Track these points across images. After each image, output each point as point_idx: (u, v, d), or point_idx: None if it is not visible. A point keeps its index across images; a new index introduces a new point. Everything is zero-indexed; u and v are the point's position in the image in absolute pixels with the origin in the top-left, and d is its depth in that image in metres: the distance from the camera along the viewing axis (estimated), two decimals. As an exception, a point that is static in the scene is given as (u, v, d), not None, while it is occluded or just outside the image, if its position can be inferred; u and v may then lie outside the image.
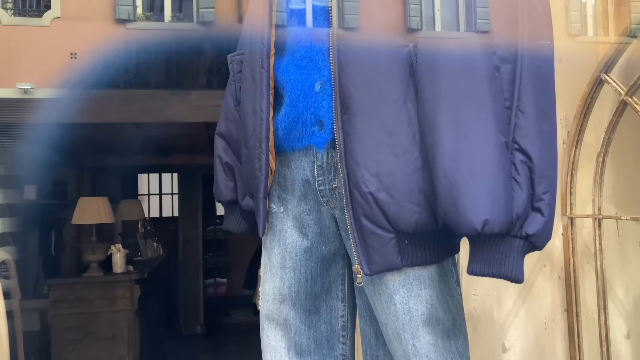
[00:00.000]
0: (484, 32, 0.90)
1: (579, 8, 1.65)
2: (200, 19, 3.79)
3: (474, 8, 0.91)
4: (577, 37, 1.64)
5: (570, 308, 1.50)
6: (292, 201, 1.07)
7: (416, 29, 0.92)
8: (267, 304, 1.11)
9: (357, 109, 0.93)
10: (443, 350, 0.98)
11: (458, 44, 0.94)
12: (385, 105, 0.92)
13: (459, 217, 0.86)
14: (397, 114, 0.92)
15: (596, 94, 1.42)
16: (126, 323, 3.93)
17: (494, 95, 0.88)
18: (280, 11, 1.07)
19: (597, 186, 1.41)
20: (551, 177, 0.88)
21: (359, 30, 0.95)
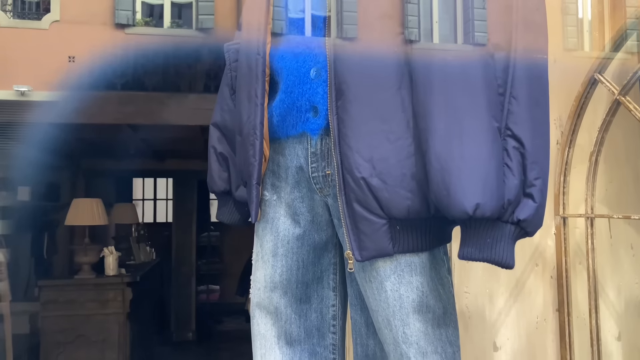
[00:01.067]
0: (482, 44, 0.91)
1: (576, 23, 1.67)
2: (199, 25, 3.81)
3: (471, 21, 0.92)
4: (574, 52, 1.65)
5: (562, 308, 1.50)
6: (285, 189, 1.07)
7: (414, 40, 0.93)
8: (258, 292, 1.11)
9: (352, 95, 0.94)
10: (433, 338, 0.98)
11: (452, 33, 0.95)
12: (379, 91, 0.93)
13: (450, 201, 0.86)
14: (391, 100, 0.93)
15: (590, 94, 1.43)
16: (117, 326, 3.90)
17: (487, 81, 0.89)
18: (278, 6, 1.08)
19: (590, 185, 1.42)
20: (543, 163, 0.89)
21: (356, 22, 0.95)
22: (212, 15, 3.78)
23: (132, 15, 3.76)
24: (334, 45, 0.95)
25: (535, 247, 1.53)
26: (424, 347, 0.97)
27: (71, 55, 3.83)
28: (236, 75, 1.16)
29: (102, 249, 3.99)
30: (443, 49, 0.95)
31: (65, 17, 3.75)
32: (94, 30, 3.83)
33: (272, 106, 1.06)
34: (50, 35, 3.72)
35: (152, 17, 3.92)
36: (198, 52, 3.75)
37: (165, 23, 3.95)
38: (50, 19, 3.74)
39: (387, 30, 0.94)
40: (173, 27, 3.96)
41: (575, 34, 1.65)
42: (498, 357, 1.49)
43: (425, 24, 0.94)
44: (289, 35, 1.06)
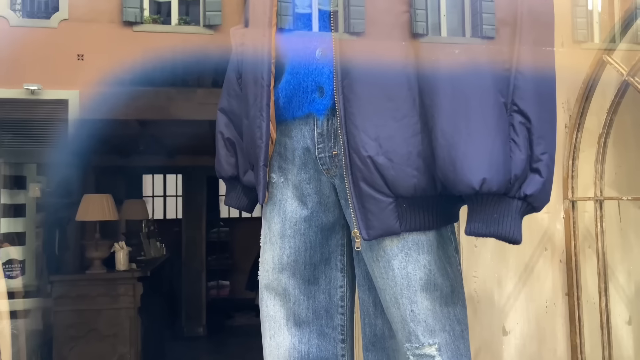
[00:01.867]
0: (490, 38, 0.91)
1: (585, 15, 1.65)
2: (207, 22, 3.83)
3: (479, 14, 0.92)
4: (582, 44, 1.64)
5: (571, 292, 1.50)
6: (292, 170, 1.08)
7: (422, 34, 0.93)
8: (266, 274, 1.11)
9: (358, 74, 0.94)
10: (441, 317, 0.98)
11: (458, 10, 0.95)
12: (385, 69, 0.93)
13: (457, 177, 0.86)
14: (397, 78, 0.93)
15: (598, 76, 1.42)
16: (128, 321, 3.92)
17: (492, 56, 0.89)
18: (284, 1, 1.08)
19: (599, 168, 1.41)
20: (550, 138, 0.89)
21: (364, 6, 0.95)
22: (219, 11, 3.79)
23: (139, 13, 3.78)
24: (339, 8, 0.95)
25: (544, 232, 1.52)
26: (432, 325, 0.97)
27: (80, 53, 3.86)
28: (242, 60, 1.17)
29: (113, 244, 4.02)
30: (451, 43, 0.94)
31: (73, 15, 3.78)
32: (102, 28, 3.85)
33: (278, 88, 1.06)
34: (59, 34, 3.75)
35: (160, 14, 3.94)
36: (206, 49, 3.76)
37: (173, 20, 3.97)
38: (59, 18, 3.77)
39: (394, 10, 0.94)
40: (181, 24, 3.98)
41: (585, 25, 1.64)
42: (507, 341, 1.49)
43: (433, 17, 0.94)
44: (294, 10, 1.06)
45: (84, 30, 3.77)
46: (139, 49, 3.78)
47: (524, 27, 0.89)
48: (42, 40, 3.68)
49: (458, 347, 0.99)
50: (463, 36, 0.94)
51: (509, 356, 1.49)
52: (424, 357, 0.97)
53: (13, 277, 3.58)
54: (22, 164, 4.51)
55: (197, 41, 3.76)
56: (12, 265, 3.64)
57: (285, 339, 1.09)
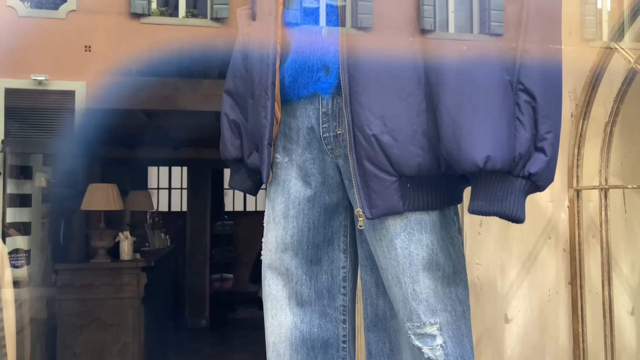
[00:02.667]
0: (498, 34, 0.90)
1: (594, 13, 1.65)
2: (214, 15, 3.83)
3: (488, 10, 0.92)
4: (591, 42, 1.63)
5: (575, 281, 1.49)
6: (297, 150, 1.08)
7: (430, 30, 0.93)
8: (269, 253, 1.12)
9: (364, 52, 0.94)
10: (443, 296, 0.98)
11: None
12: (391, 47, 0.93)
13: (461, 154, 0.86)
14: (402, 56, 0.93)
15: (605, 64, 1.42)
16: (132, 310, 3.94)
17: (498, 34, 0.89)
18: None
19: (604, 157, 1.41)
20: (555, 117, 0.88)
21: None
22: (227, 4, 3.79)
23: (147, 5, 3.79)
24: (347, 3, 0.95)
25: (548, 220, 1.52)
26: (434, 304, 0.97)
27: (87, 44, 3.88)
28: (249, 40, 1.17)
29: (118, 234, 4.04)
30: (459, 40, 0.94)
31: (81, 6, 3.79)
32: (110, 20, 3.86)
33: (284, 67, 1.07)
34: (67, 25, 3.76)
35: (168, 6, 3.94)
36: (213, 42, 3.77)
37: (181, 13, 3.98)
38: (67, 9, 3.78)
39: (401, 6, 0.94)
40: (188, 16, 3.99)
41: (594, 23, 1.63)
42: (509, 328, 1.49)
43: (440, 14, 0.94)
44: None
45: (92, 22, 3.78)
46: (146, 41, 3.79)
47: (531, 7, 0.89)
48: (50, 31, 3.70)
49: (459, 327, 0.99)
50: (471, 32, 0.94)
51: (510, 344, 1.49)
52: (425, 336, 0.97)
53: (18, 266, 3.61)
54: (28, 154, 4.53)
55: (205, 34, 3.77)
56: (17, 255, 3.66)
57: (287, 319, 1.09)
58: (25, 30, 3.69)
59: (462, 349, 0.98)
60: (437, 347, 0.96)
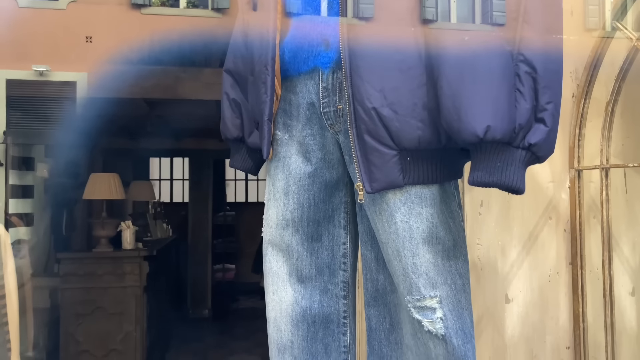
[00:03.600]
0: (500, 24, 0.90)
1: (597, 3, 1.64)
2: (215, 5, 3.82)
3: (490, 1, 0.91)
4: (594, 32, 1.62)
5: (575, 261, 1.49)
6: (297, 127, 1.08)
7: (431, 20, 0.92)
8: (270, 230, 1.12)
9: (364, 26, 0.94)
10: (443, 270, 0.98)
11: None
12: (392, 21, 0.93)
13: (461, 125, 0.86)
14: (403, 29, 0.92)
15: (607, 44, 1.41)
16: (134, 299, 3.95)
17: (500, 5, 0.88)
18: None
19: (606, 136, 1.41)
20: (555, 88, 0.88)
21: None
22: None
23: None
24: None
25: (549, 201, 1.52)
26: (434, 277, 0.97)
27: (88, 35, 3.87)
28: (249, 18, 1.17)
29: (120, 223, 4.04)
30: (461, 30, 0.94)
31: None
32: (111, 11, 3.86)
33: (284, 43, 1.07)
34: (68, 16, 3.76)
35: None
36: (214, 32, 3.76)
37: (182, 3, 3.97)
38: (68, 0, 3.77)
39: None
40: (189, 7, 3.98)
41: (597, 13, 1.62)
42: (510, 308, 1.49)
43: (442, 5, 0.94)
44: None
45: (92, 12, 3.78)
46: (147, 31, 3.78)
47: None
48: (51, 22, 3.69)
49: (459, 300, 0.99)
50: (473, 22, 0.93)
51: (511, 324, 1.49)
52: (424, 309, 0.97)
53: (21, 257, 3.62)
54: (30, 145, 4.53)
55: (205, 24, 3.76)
56: (20, 246, 3.67)
57: (288, 295, 1.10)
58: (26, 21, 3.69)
59: (462, 322, 0.99)
60: (437, 319, 0.97)
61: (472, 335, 1.00)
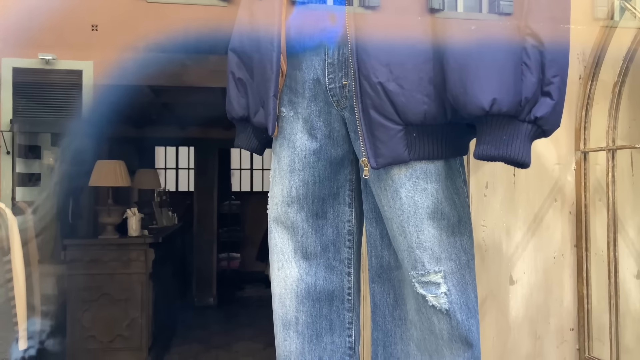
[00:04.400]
0: (507, 14, 0.89)
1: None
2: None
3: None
4: (602, 21, 1.61)
5: (580, 243, 1.49)
6: (302, 103, 1.08)
7: (438, 9, 0.92)
8: (275, 207, 1.12)
9: (371, 0, 0.94)
10: (447, 245, 0.98)
11: None
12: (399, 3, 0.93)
13: (467, 98, 0.86)
14: (409, 3, 0.92)
15: (615, 25, 1.40)
16: (140, 286, 3.97)
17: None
18: None
19: (612, 117, 1.40)
20: (562, 61, 0.88)
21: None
22: (233, -18, 3.77)
23: (154, -17, 3.79)
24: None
25: (554, 183, 1.52)
26: (438, 253, 0.97)
27: (94, 24, 3.88)
28: None
29: (125, 210, 4.06)
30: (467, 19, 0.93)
31: (88, -15, 3.79)
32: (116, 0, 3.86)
33: (290, 19, 1.06)
34: (74, 4, 3.76)
35: (174, -16, 3.93)
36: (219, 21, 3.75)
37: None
38: (73, -12, 3.78)
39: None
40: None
41: (606, 2, 1.61)
42: (514, 290, 1.49)
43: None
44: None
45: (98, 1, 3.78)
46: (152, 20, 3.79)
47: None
48: (57, 10, 3.70)
49: (463, 275, 0.99)
50: (480, 12, 0.93)
51: (515, 305, 1.49)
52: (429, 284, 0.98)
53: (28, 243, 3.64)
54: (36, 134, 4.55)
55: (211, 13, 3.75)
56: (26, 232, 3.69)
57: (293, 271, 1.10)
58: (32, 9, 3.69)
59: (467, 297, 0.99)
60: (441, 294, 0.97)
61: (476, 310, 1.00)
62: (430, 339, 1.01)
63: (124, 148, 5.53)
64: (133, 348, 3.87)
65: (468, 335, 0.98)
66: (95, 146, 5.35)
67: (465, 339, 0.98)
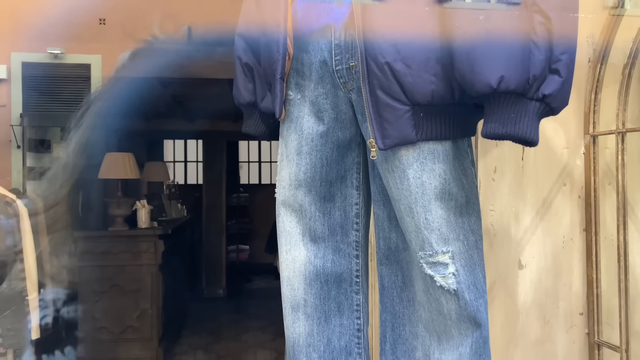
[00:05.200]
0: (516, 3, 0.88)
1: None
2: (226, -15, 3.81)
3: None
4: (612, 10, 1.59)
5: (589, 227, 1.49)
6: (309, 86, 1.08)
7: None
8: (283, 190, 1.13)
9: None
10: (455, 226, 0.98)
11: None
12: None
13: (474, 76, 0.86)
14: None
15: (624, 5, 1.39)
16: (150, 277, 4.00)
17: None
18: None
19: (622, 100, 1.39)
20: (570, 38, 0.87)
21: None
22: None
23: (160, -23, 3.79)
24: None
25: (563, 167, 1.51)
26: (446, 233, 0.97)
27: (102, 17, 3.90)
28: None
29: (135, 202, 4.08)
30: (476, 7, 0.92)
31: (95, -20, 3.80)
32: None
33: (296, 1, 1.06)
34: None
35: (179, -23, 3.93)
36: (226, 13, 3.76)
37: (192, -15, 3.96)
38: (81, -17, 3.79)
39: None
40: (200, -12, 3.97)
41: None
42: (523, 275, 1.49)
43: None
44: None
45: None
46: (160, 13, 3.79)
47: None
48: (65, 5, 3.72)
49: (472, 256, 0.99)
50: (488, 2, 0.92)
51: (524, 290, 1.49)
52: (437, 265, 0.98)
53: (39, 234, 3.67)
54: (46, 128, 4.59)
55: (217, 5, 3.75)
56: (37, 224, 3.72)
57: (301, 254, 1.11)
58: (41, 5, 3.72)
59: (475, 277, 0.99)
60: (449, 275, 0.97)
61: (485, 290, 1.00)
62: (438, 320, 1.01)
63: (133, 141, 5.56)
64: (144, 339, 3.90)
65: (476, 315, 0.98)
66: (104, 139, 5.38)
67: (473, 319, 0.98)
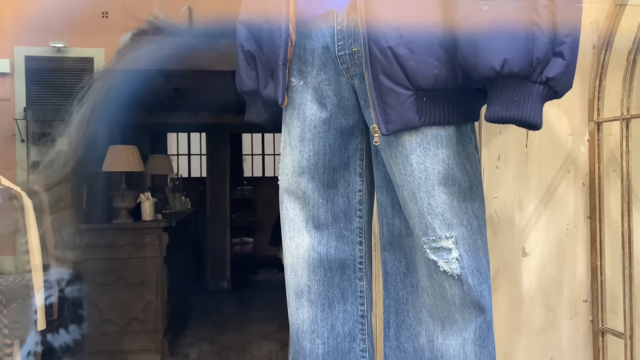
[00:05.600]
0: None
1: None
2: (229, -22, 3.79)
3: None
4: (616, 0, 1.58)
5: (594, 215, 1.48)
6: (312, 72, 1.08)
7: None
8: (286, 177, 1.13)
9: None
10: (459, 211, 0.98)
11: None
12: None
13: (478, 59, 0.86)
14: None
15: (624, 3, 1.38)
16: (154, 269, 4.02)
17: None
18: None
19: (627, 86, 1.38)
20: (574, 21, 0.87)
21: None
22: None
23: (162, -30, 3.78)
24: None
25: (567, 154, 1.50)
26: (449, 218, 0.97)
27: (104, 11, 3.90)
28: None
29: (139, 194, 4.09)
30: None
31: (96, -27, 3.80)
32: (125, -15, 3.87)
33: (298, -13, 1.06)
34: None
35: (182, -29, 3.92)
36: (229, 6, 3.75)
37: (195, -22, 3.95)
38: (83, -24, 3.79)
39: None
40: (202, -18, 3.96)
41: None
42: (527, 262, 1.49)
43: None
44: None
45: (108, -12, 3.80)
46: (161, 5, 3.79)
47: None
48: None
49: (475, 241, 0.99)
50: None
51: (527, 277, 1.49)
52: (440, 250, 0.98)
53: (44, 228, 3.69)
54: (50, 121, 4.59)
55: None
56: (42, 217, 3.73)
57: (305, 241, 1.11)
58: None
59: (478, 262, 0.99)
60: (453, 260, 0.97)
61: (488, 275, 1.00)
62: (442, 305, 1.01)
63: (137, 134, 5.57)
64: (149, 331, 3.92)
65: (480, 300, 0.98)
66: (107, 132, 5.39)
67: (477, 304, 0.98)
